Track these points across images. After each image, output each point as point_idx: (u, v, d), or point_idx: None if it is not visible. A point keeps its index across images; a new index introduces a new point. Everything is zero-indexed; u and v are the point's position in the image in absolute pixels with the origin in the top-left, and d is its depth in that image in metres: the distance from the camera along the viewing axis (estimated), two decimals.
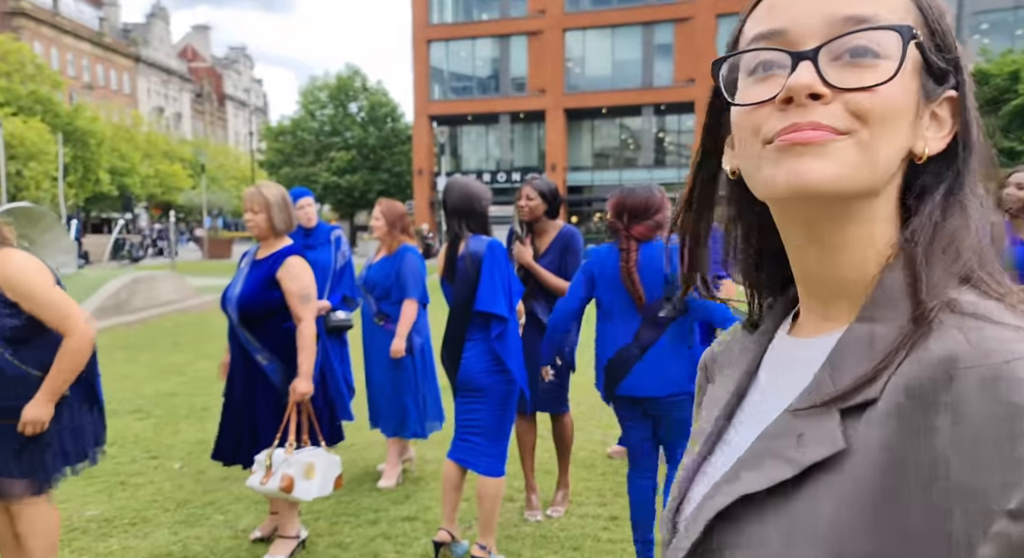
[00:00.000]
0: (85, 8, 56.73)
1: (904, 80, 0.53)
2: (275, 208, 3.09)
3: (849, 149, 0.52)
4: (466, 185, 3.12)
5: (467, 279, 2.98)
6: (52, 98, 32.35)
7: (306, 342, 3.02)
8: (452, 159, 33.45)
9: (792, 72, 0.52)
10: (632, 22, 30.45)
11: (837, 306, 0.58)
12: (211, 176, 47.67)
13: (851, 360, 0.52)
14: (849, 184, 0.52)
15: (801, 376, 0.57)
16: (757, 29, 0.57)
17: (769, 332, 0.67)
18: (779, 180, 0.53)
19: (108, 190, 35.56)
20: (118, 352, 8.13)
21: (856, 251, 0.56)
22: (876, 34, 0.52)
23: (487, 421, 3.01)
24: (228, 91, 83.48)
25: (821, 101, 0.52)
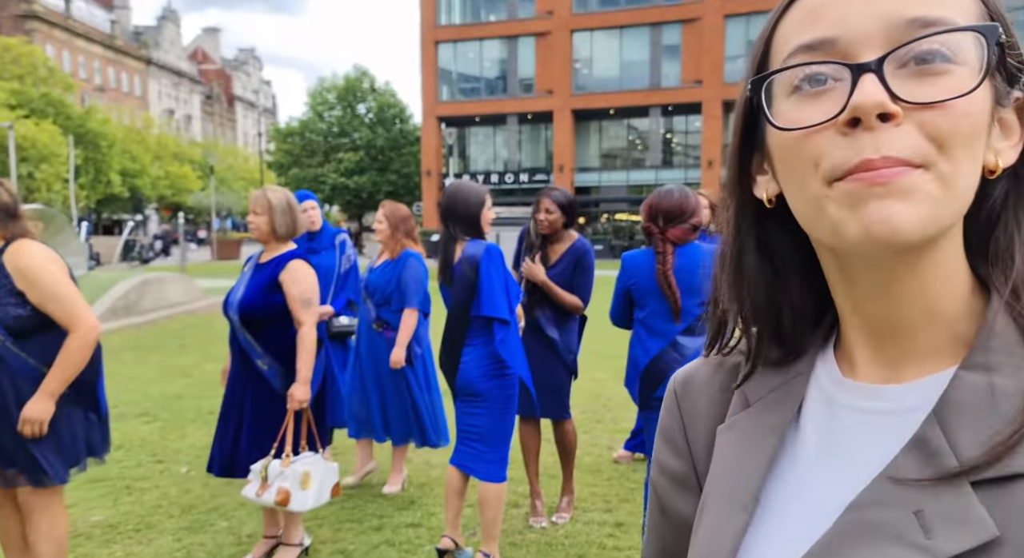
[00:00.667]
0: (97, 11, 57.13)
1: (983, 88, 0.44)
2: (278, 211, 3.06)
3: (931, 184, 0.43)
4: (459, 189, 3.09)
5: (465, 283, 2.96)
6: (64, 100, 32.57)
7: (306, 347, 2.99)
8: (460, 160, 33.47)
9: (854, 87, 0.43)
10: (640, 23, 30.37)
11: (909, 347, 0.50)
12: (220, 177, 47.89)
13: (969, 419, 0.44)
14: (938, 226, 0.44)
15: (878, 432, 0.48)
16: (798, 39, 0.47)
17: (803, 372, 0.56)
18: (855, 229, 0.44)
19: (119, 192, 35.76)
20: (127, 353, 8.17)
21: (929, 286, 0.48)
22: (951, 37, 0.43)
23: (487, 426, 3.00)
24: (237, 92, 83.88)
25: (892, 122, 0.43)
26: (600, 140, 33.20)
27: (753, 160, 0.55)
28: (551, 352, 3.54)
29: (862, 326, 0.52)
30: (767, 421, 0.55)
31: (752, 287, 0.57)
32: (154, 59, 61.77)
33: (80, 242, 14.01)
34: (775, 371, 0.58)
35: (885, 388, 0.50)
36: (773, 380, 0.57)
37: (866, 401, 0.51)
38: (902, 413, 0.48)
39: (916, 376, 0.49)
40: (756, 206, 0.55)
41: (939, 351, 0.49)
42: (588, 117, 32.19)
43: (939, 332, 0.49)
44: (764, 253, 0.56)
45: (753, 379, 0.58)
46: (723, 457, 0.57)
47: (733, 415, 0.58)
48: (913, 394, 0.48)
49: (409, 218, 3.94)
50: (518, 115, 32.34)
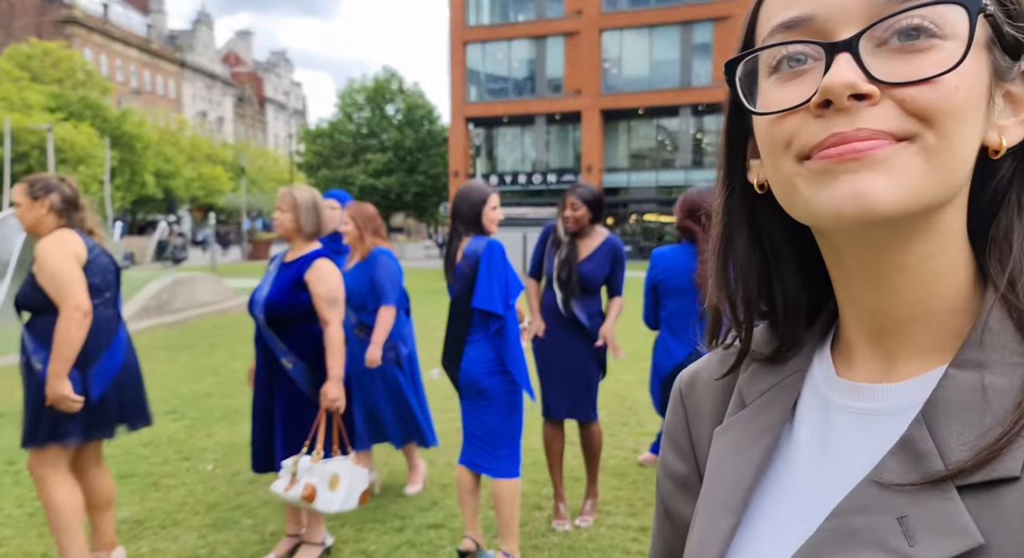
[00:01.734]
0: (133, 16, 58.36)
1: (974, 61, 0.42)
2: (303, 209, 3.06)
3: (914, 158, 0.41)
4: (464, 188, 3.14)
5: (465, 278, 2.98)
6: (101, 103, 33.32)
7: (334, 346, 3.00)
8: (488, 161, 33.51)
9: (828, 67, 0.42)
10: (670, 22, 30.12)
11: (904, 343, 0.48)
12: (251, 178, 48.60)
13: (959, 419, 0.42)
14: (919, 201, 0.42)
15: (869, 433, 0.46)
16: (777, 18, 0.46)
17: (799, 370, 0.54)
18: (827, 205, 0.42)
19: (153, 193, 36.48)
20: (159, 352, 8.30)
21: (924, 277, 0.46)
22: (934, 10, 0.41)
23: (494, 422, 2.98)
24: (268, 94, 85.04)
25: (868, 102, 0.41)
26: (629, 140, 32.98)
27: (748, 144, 0.53)
28: (587, 346, 3.52)
29: (857, 320, 0.50)
30: (761, 421, 0.53)
31: (743, 275, 0.55)
32: (188, 62, 62.90)
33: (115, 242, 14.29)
34: (771, 368, 0.55)
35: (878, 387, 0.48)
36: (769, 378, 0.55)
37: (859, 401, 0.49)
38: (894, 413, 0.46)
39: (911, 374, 0.47)
40: (748, 191, 0.53)
41: (936, 347, 0.47)
42: (617, 117, 32.00)
43: (936, 327, 0.47)
44: (756, 240, 0.55)
45: (749, 376, 0.56)
46: (718, 459, 0.55)
47: (730, 416, 0.56)
48: (906, 393, 0.46)
49: (376, 217, 3.82)
50: (546, 115, 32.28)
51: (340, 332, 3.04)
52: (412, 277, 6.84)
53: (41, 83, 31.23)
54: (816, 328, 0.56)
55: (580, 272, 3.48)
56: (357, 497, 3.06)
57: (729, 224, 0.54)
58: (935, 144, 0.41)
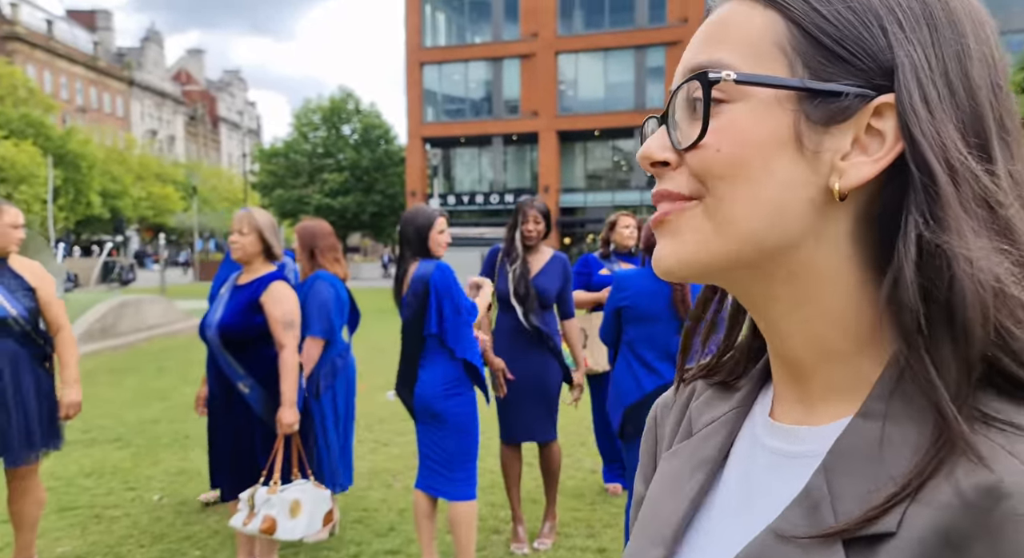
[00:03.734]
0: (80, 33, 57.03)
1: (756, 119, 0.43)
2: (267, 231, 3.03)
3: (698, 218, 0.45)
4: (411, 211, 3.13)
5: (414, 303, 2.96)
6: (44, 121, 32.36)
7: (289, 370, 2.94)
8: (445, 181, 33.50)
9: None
10: (624, 45, 30.71)
11: (816, 386, 0.47)
12: (203, 198, 47.62)
13: (856, 471, 0.41)
14: (711, 256, 0.45)
15: (783, 477, 0.46)
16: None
17: (745, 405, 0.54)
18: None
19: (99, 213, 35.46)
20: (103, 376, 8.00)
21: (806, 321, 0.46)
22: (694, 85, 0.45)
23: (449, 446, 2.95)
24: (222, 113, 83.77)
25: (670, 168, 0.46)
26: (585, 161, 33.39)
27: None
28: (551, 358, 3.54)
29: (774, 361, 0.51)
30: (701, 453, 0.53)
31: (702, 302, 0.57)
32: (136, 80, 61.59)
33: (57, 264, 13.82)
34: (721, 397, 0.56)
35: (797, 430, 0.48)
36: (716, 409, 0.55)
37: (780, 442, 0.48)
38: (807, 458, 0.45)
39: (830, 418, 0.46)
40: None
41: (852, 391, 0.45)
42: (573, 138, 32.39)
43: (844, 371, 0.46)
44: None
45: (702, 403, 0.57)
46: (660, 486, 0.55)
47: (678, 442, 0.56)
48: (821, 438, 0.45)
49: (324, 236, 3.57)
50: (503, 136, 32.48)
51: (295, 356, 2.98)
52: (367, 297, 6.76)
53: None
54: (761, 366, 0.55)
55: (535, 286, 3.48)
56: (320, 520, 2.98)
57: None
58: (713, 204, 0.44)
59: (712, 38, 0.46)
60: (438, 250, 3.06)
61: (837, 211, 0.43)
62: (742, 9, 0.45)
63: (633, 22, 30.43)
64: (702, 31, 0.47)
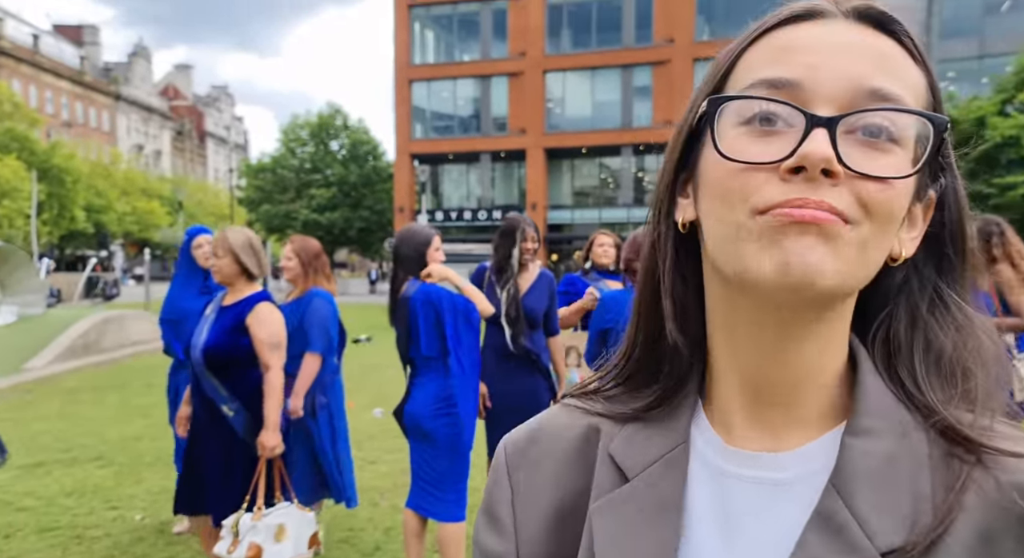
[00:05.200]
0: (66, 47, 56.85)
1: (916, 175, 0.45)
2: (241, 251, 2.96)
3: (851, 245, 0.43)
4: (406, 230, 3.11)
5: (404, 323, 2.96)
6: (29, 135, 32.13)
7: (273, 391, 2.90)
8: (433, 197, 33.55)
9: (804, 137, 0.43)
10: (611, 65, 31.03)
11: (787, 412, 0.48)
12: (189, 213, 47.37)
13: (872, 490, 0.43)
14: (845, 285, 0.44)
15: (774, 505, 0.46)
16: (763, 72, 0.46)
17: (684, 439, 0.51)
18: (771, 262, 0.43)
19: (84, 228, 35.16)
20: (85, 394, 7.90)
21: (816, 351, 0.47)
22: (901, 117, 0.44)
23: (440, 465, 2.94)
24: (209, 128, 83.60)
25: (831, 181, 0.43)
26: (572, 178, 33.57)
27: (678, 181, 0.53)
28: (540, 379, 3.54)
29: (741, 386, 0.50)
30: (656, 497, 0.49)
31: (651, 313, 0.54)
32: (123, 95, 61.40)
33: (39, 279, 13.66)
34: (649, 432, 0.52)
35: (775, 456, 0.48)
36: (652, 447, 0.51)
37: (756, 470, 0.48)
38: (796, 483, 0.46)
39: (799, 442, 0.47)
40: (674, 228, 0.53)
41: (817, 416, 0.48)
42: (561, 156, 32.58)
43: (819, 398, 0.48)
44: (676, 280, 0.54)
45: (625, 443, 0.52)
46: (610, 542, 0.49)
47: (608, 490, 0.51)
48: (804, 462, 0.47)
49: (321, 255, 3.62)
50: (491, 153, 32.61)
51: (280, 378, 2.94)
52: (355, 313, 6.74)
53: None
54: (687, 390, 0.53)
55: (524, 306, 3.49)
56: (306, 543, 2.93)
57: (654, 259, 0.54)
58: (867, 237, 0.44)
59: (885, 70, 0.45)
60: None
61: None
62: (902, 56, 0.46)
63: (620, 42, 30.78)
64: (865, 52, 0.45)
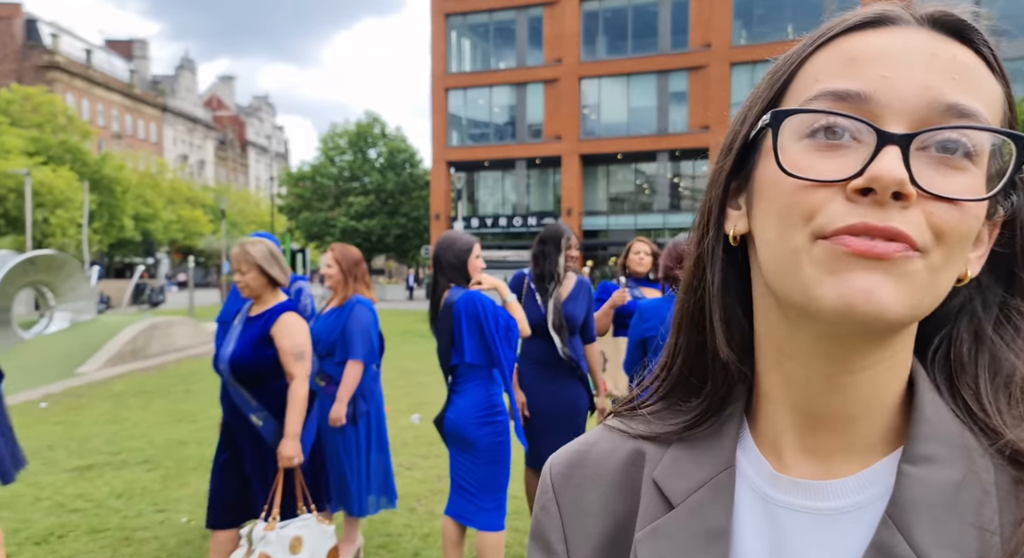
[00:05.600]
0: (117, 61, 58.76)
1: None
2: (265, 263, 2.97)
3: (921, 272, 0.40)
4: (447, 237, 3.12)
5: (445, 331, 2.97)
6: (81, 147, 33.27)
7: (296, 401, 2.89)
8: (469, 204, 33.75)
9: (875, 155, 0.40)
10: (647, 70, 30.89)
11: (842, 440, 0.46)
12: (231, 221, 48.46)
13: (932, 520, 0.41)
14: (914, 314, 0.42)
15: (828, 535, 0.44)
16: (829, 84, 0.43)
17: (729, 463, 0.49)
18: (833, 294, 0.40)
19: (132, 236, 36.21)
20: (132, 398, 8.13)
21: (876, 378, 0.45)
22: (979, 136, 0.41)
23: (480, 474, 2.95)
24: (250, 138, 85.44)
25: (902, 203, 0.40)
26: (608, 184, 33.46)
27: (729, 191, 0.50)
28: (580, 387, 3.55)
29: (792, 411, 0.47)
30: (703, 525, 0.47)
31: (692, 325, 0.52)
32: (169, 106, 63.17)
33: (91, 286, 14.11)
34: (693, 456, 0.50)
35: (828, 484, 0.45)
36: (697, 472, 0.49)
37: (807, 499, 0.45)
38: (850, 512, 0.44)
39: (854, 469, 0.45)
40: (724, 241, 0.51)
41: (871, 443, 0.46)
42: (596, 162, 32.51)
43: (876, 424, 0.46)
44: (725, 293, 0.51)
45: (669, 468, 0.50)
46: None
47: (653, 518, 0.49)
48: (858, 491, 0.44)
49: (361, 262, 3.65)
50: (526, 160, 32.71)
51: (305, 388, 2.94)
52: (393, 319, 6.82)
53: (20, 127, 31.14)
54: (731, 411, 0.51)
55: (565, 314, 3.51)
56: (323, 557, 2.92)
57: (699, 271, 0.52)
58: (939, 263, 0.41)
59: (961, 82, 0.42)
60: (475, 274, 3.07)
61: None
62: (979, 66, 0.43)
63: (656, 47, 30.64)
64: (942, 64, 0.42)
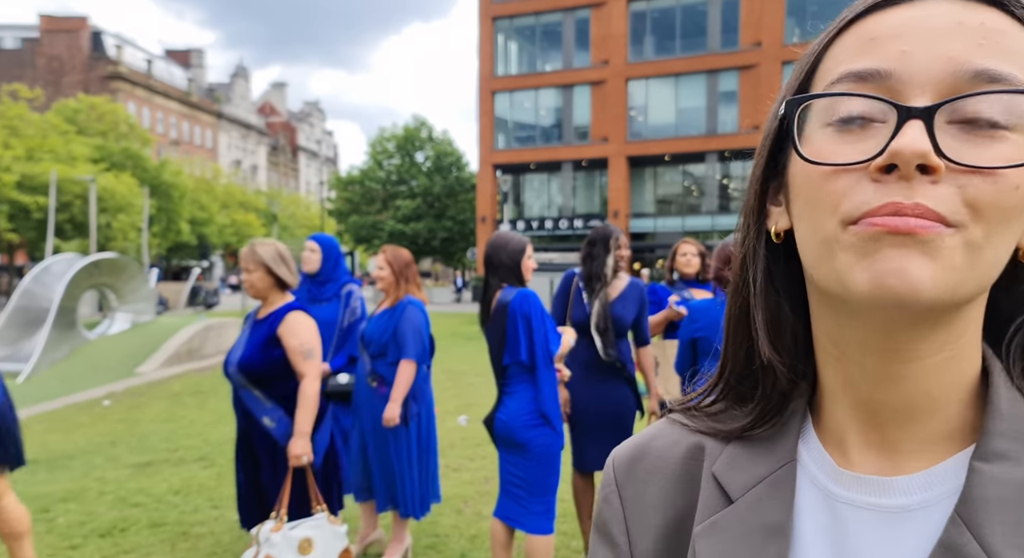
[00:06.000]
0: (175, 70, 60.79)
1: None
2: (272, 264, 2.96)
3: (958, 249, 0.39)
4: (500, 237, 3.11)
5: (496, 331, 2.96)
6: (141, 154, 34.50)
7: (307, 399, 2.84)
8: (515, 207, 33.84)
9: (897, 131, 0.39)
10: (696, 70, 30.50)
11: (907, 434, 0.44)
12: (283, 225, 49.60)
13: (1000, 519, 0.39)
14: (955, 295, 0.39)
15: (894, 533, 0.42)
16: (849, 65, 0.42)
17: (790, 458, 0.48)
18: (866, 277, 0.39)
19: (188, 239, 37.35)
20: (189, 398, 8.38)
21: (934, 368, 0.43)
22: (1016, 100, 0.39)
23: (530, 477, 2.93)
24: (301, 143, 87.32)
25: (930, 177, 0.38)
26: (655, 186, 33.13)
27: (770, 189, 0.49)
28: (627, 389, 3.51)
29: (854, 406, 0.46)
30: (761, 520, 0.46)
31: (740, 328, 0.51)
32: (224, 113, 65.04)
33: (150, 288, 14.61)
34: (753, 452, 0.49)
35: (894, 481, 0.43)
36: (756, 467, 0.49)
37: (871, 496, 0.44)
38: (917, 510, 0.42)
39: (921, 466, 0.43)
40: (767, 239, 0.50)
41: (941, 438, 0.44)
42: (643, 163, 32.23)
43: (942, 418, 0.43)
44: (769, 293, 0.50)
45: (729, 463, 0.50)
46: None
47: (712, 512, 0.48)
48: (927, 488, 0.42)
49: (411, 264, 3.66)
50: (573, 162, 32.63)
51: (315, 386, 2.90)
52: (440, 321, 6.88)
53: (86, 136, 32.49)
54: (795, 404, 0.50)
55: (612, 315, 3.47)
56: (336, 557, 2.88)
57: (745, 271, 0.51)
58: (979, 240, 0.39)
59: (991, 46, 0.39)
60: (528, 275, 3.07)
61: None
62: (1008, 26, 0.40)
63: (705, 47, 30.22)
64: (967, 29, 0.40)
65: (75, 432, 6.69)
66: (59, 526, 4.16)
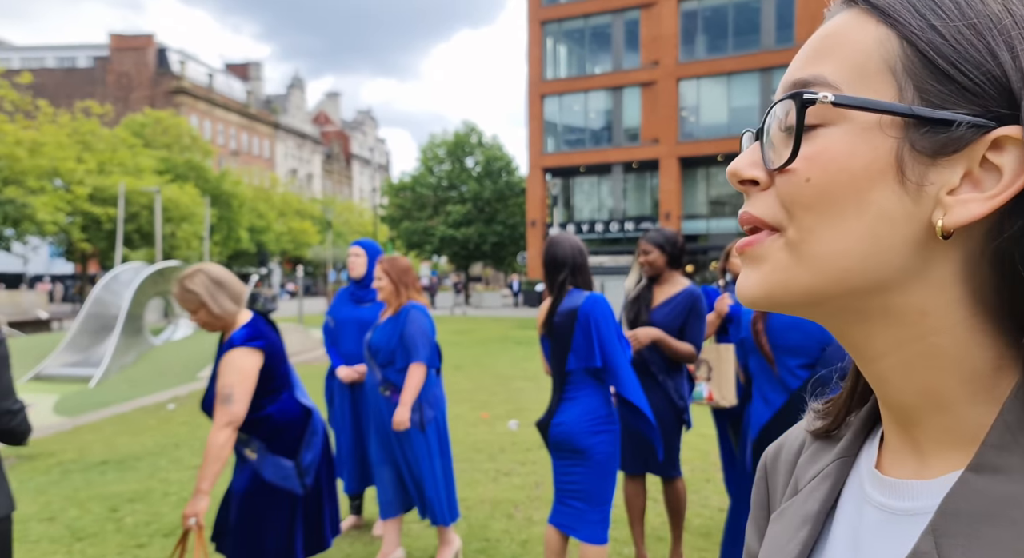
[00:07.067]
0: (235, 83, 62.85)
1: (847, 145, 0.39)
2: (209, 298, 2.67)
3: (780, 251, 0.42)
4: (560, 241, 3.06)
5: (561, 336, 2.91)
6: (203, 165, 35.77)
7: (210, 452, 2.53)
8: (565, 210, 33.77)
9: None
10: (748, 69, 29.94)
11: (926, 435, 0.43)
12: (337, 231, 50.63)
13: (972, 536, 0.37)
14: (788, 292, 0.42)
15: (895, 536, 0.42)
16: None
17: (849, 455, 0.49)
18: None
19: (247, 247, 38.50)
20: None
21: (907, 365, 0.42)
22: (786, 105, 0.42)
23: (588, 484, 2.88)
24: (354, 151, 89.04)
25: (759, 188, 0.43)
26: (708, 187, 32.60)
27: None
28: (665, 399, 3.42)
29: (883, 406, 0.47)
30: (804, 510, 0.49)
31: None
32: (281, 123, 66.85)
33: None
34: (825, 450, 0.52)
35: (907, 484, 0.43)
36: (818, 464, 0.51)
37: (888, 497, 0.44)
38: (918, 515, 0.42)
39: (943, 471, 0.42)
40: None
41: (963, 442, 0.41)
42: (695, 164, 31.77)
43: (955, 420, 0.41)
44: None
45: (808, 458, 0.53)
46: (767, 549, 0.51)
47: (785, 501, 0.53)
48: (935, 494, 0.41)
49: (409, 270, 3.62)
50: (623, 164, 32.39)
51: (220, 435, 2.56)
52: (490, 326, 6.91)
53: (152, 148, 33.87)
54: (866, 409, 0.51)
55: (651, 319, 3.40)
56: None
57: None
58: (795, 238, 0.41)
59: (819, 52, 0.42)
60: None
61: (943, 250, 0.39)
62: (854, 22, 0.42)
63: (758, 44, 29.64)
64: (810, 43, 0.44)
65: (143, 434, 6.96)
66: (127, 526, 4.32)
